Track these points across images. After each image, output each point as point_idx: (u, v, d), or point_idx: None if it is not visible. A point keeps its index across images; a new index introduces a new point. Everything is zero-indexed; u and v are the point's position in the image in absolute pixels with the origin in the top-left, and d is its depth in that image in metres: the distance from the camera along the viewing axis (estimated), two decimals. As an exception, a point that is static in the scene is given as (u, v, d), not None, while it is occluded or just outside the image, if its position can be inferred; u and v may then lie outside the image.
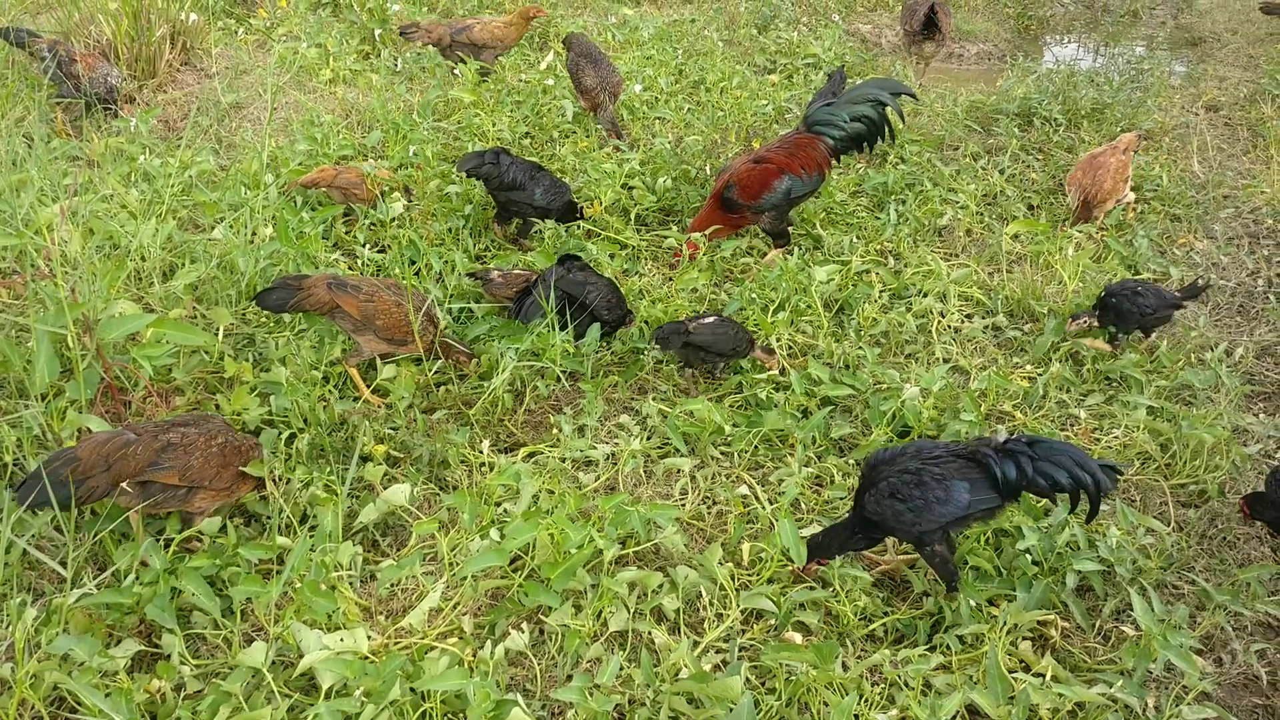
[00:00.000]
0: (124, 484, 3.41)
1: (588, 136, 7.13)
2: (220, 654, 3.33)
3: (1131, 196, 6.30)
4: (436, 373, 4.68)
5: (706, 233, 5.61)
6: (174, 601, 3.31)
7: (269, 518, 3.82)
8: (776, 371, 4.79)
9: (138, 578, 3.34)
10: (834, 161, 5.87)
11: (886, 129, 5.91)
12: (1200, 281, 4.90)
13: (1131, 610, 3.47)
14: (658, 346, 4.81)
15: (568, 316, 4.81)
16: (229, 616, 3.37)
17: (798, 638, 3.39)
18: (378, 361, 4.64)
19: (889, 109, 5.85)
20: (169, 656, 3.21)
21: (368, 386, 4.60)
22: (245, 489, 3.80)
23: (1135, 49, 10.84)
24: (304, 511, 3.84)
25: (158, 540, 3.55)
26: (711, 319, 4.71)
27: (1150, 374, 4.89)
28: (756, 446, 4.38)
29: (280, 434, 4.10)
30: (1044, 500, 3.89)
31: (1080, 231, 6.07)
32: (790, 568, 3.69)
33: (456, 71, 7.87)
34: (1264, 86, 8.64)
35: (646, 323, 5.11)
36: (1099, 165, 6.11)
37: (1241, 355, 5.04)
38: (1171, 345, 5.09)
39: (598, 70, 7.08)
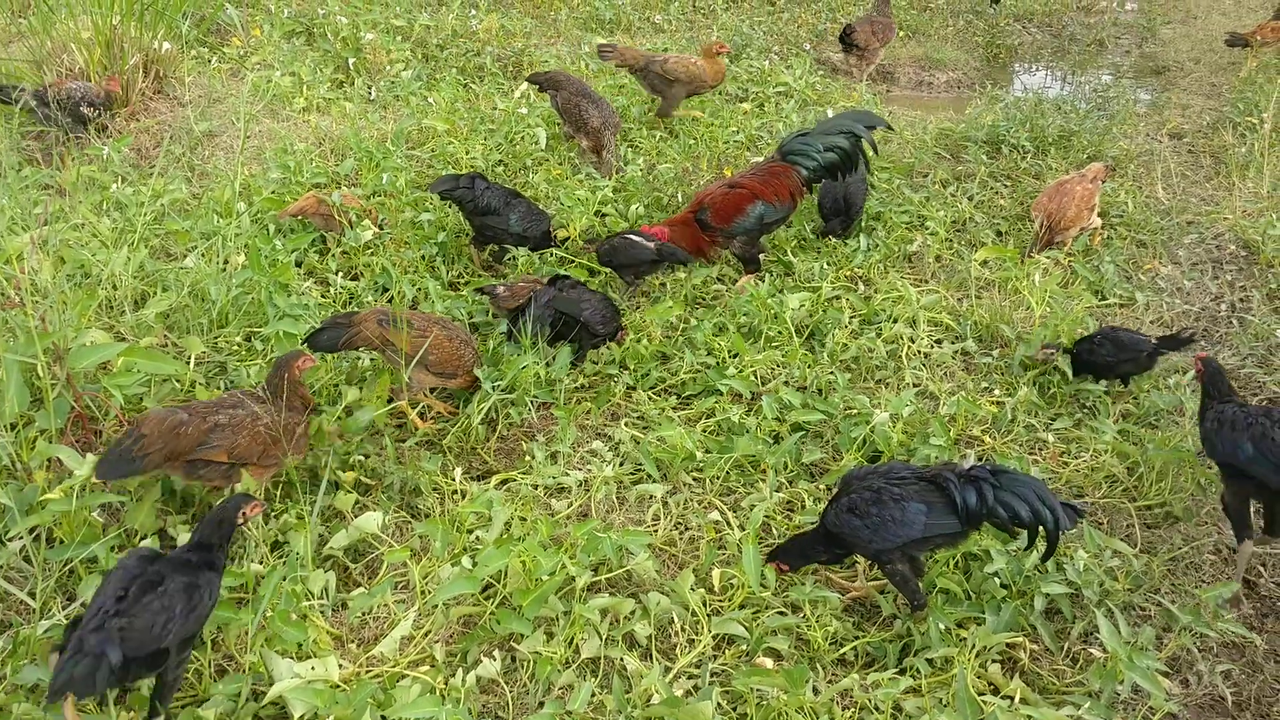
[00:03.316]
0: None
1: (560, 164, 7.17)
2: (190, 685, 3.31)
3: (1098, 223, 6.40)
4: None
5: (665, 229, 5.68)
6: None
7: (241, 546, 3.81)
8: None
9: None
10: (806, 191, 5.94)
11: (860, 160, 5.97)
12: (1184, 333, 4.92)
13: (1099, 632, 3.50)
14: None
15: (569, 333, 4.94)
16: (199, 646, 3.35)
17: (769, 663, 3.41)
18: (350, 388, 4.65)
19: (863, 141, 5.92)
20: (139, 687, 3.19)
21: (337, 420, 4.60)
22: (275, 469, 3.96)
23: (1101, 77, 11.01)
24: (275, 539, 3.84)
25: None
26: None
27: (1116, 397, 4.95)
28: (728, 472, 4.40)
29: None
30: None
31: (1048, 257, 6.14)
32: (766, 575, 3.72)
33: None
34: (1226, 114, 8.80)
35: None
36: (1065, 192, 6.20)
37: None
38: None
39: (599, 109, 7.08)
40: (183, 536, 3.65)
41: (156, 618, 2.88)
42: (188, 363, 4.45)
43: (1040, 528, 3.41)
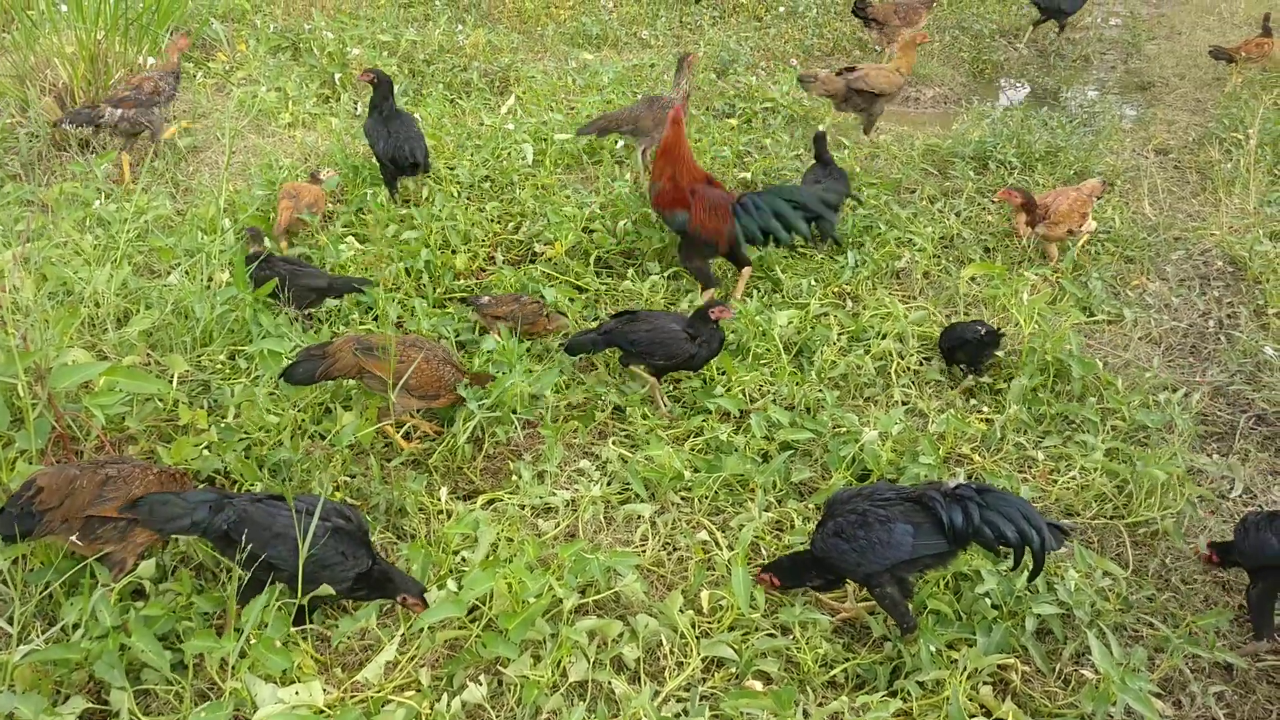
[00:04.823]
0: None
1: (548, 177, 7.14)
2: (171, 710, 3.26)
3: (1093, 225, 6.41)
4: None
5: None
6: (123, 657, 3.24)
7: (227, 569, 3.76)
8: None
9: (86, 633, 3.27)
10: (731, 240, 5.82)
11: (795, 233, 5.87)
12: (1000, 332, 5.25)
13: (1091, 653, 3.48)
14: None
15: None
16: (180, 671, 3.30)
17: (758, 685, 3.38)
18: (336, 407, 4.61)
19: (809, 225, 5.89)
20: (118, 714, 3.14)
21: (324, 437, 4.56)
22: None
23: (1087, 93, 11.05)
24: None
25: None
26: None
27: (1106, 414, 4.94)
28: (717, 491, 4.37)
29: (238, 485, 4.06)
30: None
31: (1037, 274, 6.14)
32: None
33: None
34: (1211, 130, 8.83)
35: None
36: (1060, 194, 6.28)
37: (1198, 398, 5.09)
38: (1127, 386, 5.13)
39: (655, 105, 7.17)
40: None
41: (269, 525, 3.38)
42: (170, 381, 4.41)
43: (1026, 547, 3.38)
